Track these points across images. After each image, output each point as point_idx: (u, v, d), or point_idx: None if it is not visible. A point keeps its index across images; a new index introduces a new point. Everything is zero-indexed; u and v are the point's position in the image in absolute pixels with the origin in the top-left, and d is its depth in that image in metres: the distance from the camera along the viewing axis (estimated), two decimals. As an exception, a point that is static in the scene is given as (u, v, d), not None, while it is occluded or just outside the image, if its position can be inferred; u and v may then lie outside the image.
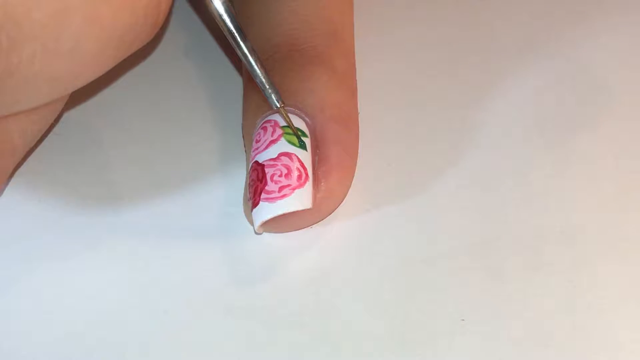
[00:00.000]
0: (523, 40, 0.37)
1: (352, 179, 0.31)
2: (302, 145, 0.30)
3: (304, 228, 0.31)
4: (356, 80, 0.33)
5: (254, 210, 0.29)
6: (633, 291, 0.29)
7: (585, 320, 0.28)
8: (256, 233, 0.30)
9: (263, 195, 0.29)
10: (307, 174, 0.30)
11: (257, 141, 0.30)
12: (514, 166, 0.33)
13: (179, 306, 0.29)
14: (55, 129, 0.34)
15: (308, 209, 0.29)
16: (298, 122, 0.30)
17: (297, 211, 0.29)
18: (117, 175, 0.33)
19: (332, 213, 0.31)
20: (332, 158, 0.30)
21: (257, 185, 0.29)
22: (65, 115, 0.35)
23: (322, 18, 0.33)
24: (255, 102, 0.32)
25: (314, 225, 0.31)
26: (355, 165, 0.31)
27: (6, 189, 0.32)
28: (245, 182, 0.31)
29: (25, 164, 0.33)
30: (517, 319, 0.28)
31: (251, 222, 0.30)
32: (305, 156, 0.30)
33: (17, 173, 0.33)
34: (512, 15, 0.38)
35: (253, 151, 0.30)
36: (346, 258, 0.30)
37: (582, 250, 0.30)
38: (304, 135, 0.30)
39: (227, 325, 0.28)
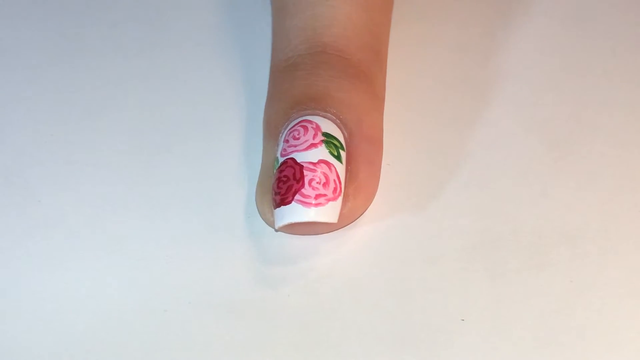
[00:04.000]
0: (524, 41, 0.37)
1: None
2: (340, 158, 0.30)
3: (312, 235, 0.30)
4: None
5: (283, 207, 0.29)
6: (633, 291, 0.29)
7: (585, 320, 0.28)
8: (275, 230, 0.30)
9: (297, 197, 0.28)
10: (341, 188, 0.29)
11: (296, 138, 0.30)
12: (514, 166, 0.33)
13: (179, 306, 0.29)
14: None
15: (330, 223, 0.29)
16: (337, 133, 0.30)
17: (320, 222, 0.29)
18: (117, 174, 0.33)
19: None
20: (361, 177, 0.30)
21: (292, 183, 0.29)
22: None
23: (372, 33, 0.33)
24: (282, 89, 0.31)
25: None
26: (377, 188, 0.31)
27: (6, 189, 0.32)
28: (263, 171, 0.31)
29: (25, 163, 0.33)
30: (517, 319, 0.28)
31: (262, 209, 0.30)
32: (342, 170, 0.29)
33: (16, 173, 0.33)
34: (513, 18, 0.38)
35: (289, 147, 0.30)
36: (346, 258, 0.30)
37: (582, 250, 0.30)
38: (342, 147, 0.30)
39: (228, 325, 0.28)
